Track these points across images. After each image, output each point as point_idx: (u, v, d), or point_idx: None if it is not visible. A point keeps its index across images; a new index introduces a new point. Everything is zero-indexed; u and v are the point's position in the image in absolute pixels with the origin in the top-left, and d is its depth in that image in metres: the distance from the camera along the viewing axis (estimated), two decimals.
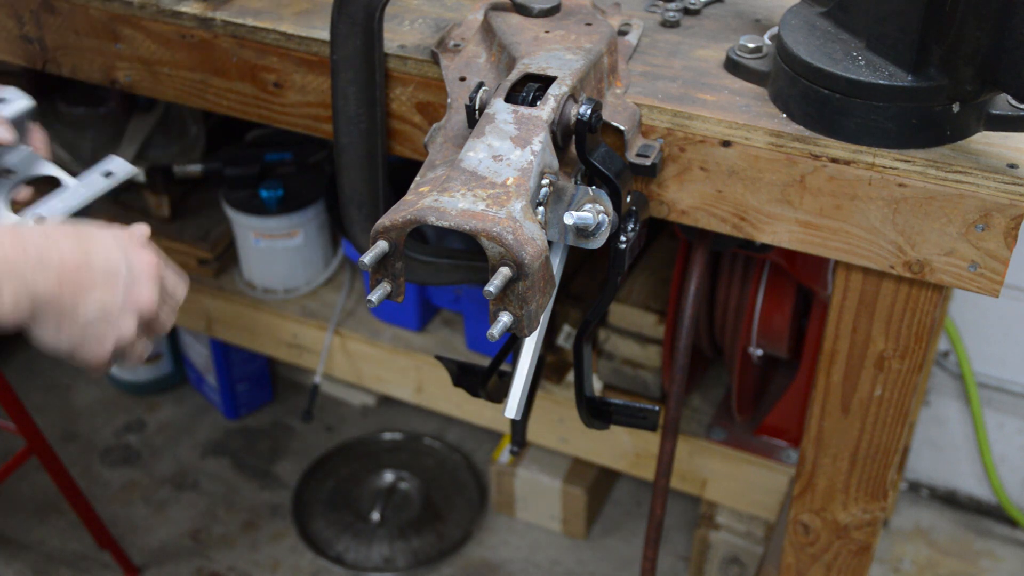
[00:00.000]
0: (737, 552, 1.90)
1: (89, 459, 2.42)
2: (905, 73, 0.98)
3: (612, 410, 1.24)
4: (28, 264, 0.83)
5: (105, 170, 1.09)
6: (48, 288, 0.84)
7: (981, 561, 2.23)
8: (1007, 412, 2.22)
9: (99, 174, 1.09)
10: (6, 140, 1.05)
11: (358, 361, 1.98)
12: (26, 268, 0.83)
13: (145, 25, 1.31)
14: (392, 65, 1.20)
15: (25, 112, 1.10)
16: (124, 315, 0.89)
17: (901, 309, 1.11)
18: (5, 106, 1.09)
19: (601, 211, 1.02)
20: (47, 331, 0.86)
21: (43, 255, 0.84)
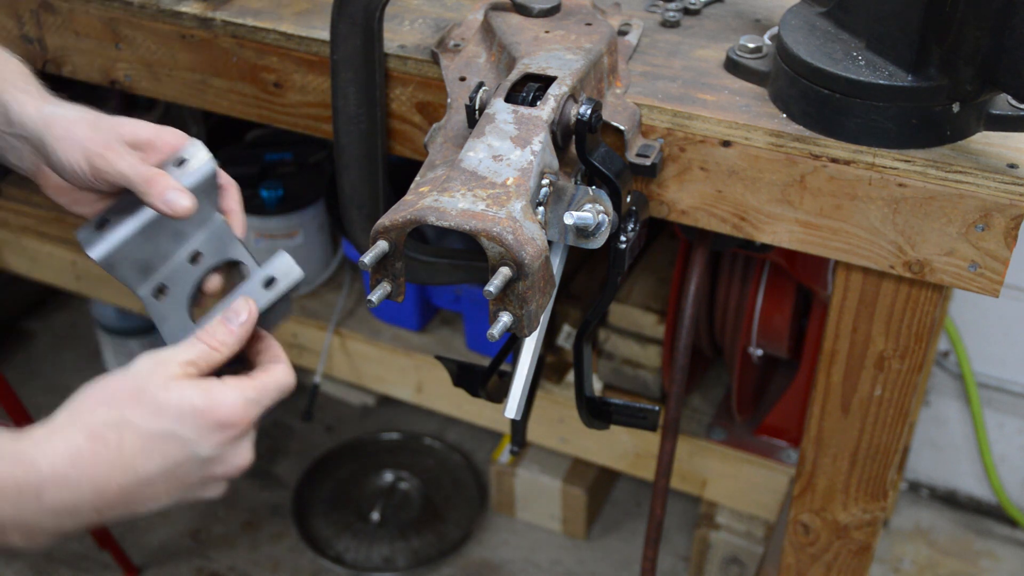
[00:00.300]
0: (737, 552, 1.90)
1: None
2: (905, 73, 0.98)
3: (612, 410, 1.24)
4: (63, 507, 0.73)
5: (267, 276, 0.90)
6: (99, 517, 0.75)
7: (981, 561, 2.23)
8: (1007, 412, 2.22)
9: (260, 283, 0.89)
10: (185, 211, 0.89)
11: (358, 361, 1.98)
12: (63, 510, 0.73)
13: (145, 25, 1.31)
14: (392, 65, 1.20)
15: (211, 175, 0.95)
16: (208, 487, 0.80)
17: (901, 309, 1.11)
18: (186, 169, 0.94)
19: (601, 211, 1.02)
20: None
21: (73, 501, 0.73)
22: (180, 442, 0.75)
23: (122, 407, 0.74)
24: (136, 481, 0.74)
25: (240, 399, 0.77)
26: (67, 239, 2.12)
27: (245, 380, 0.79)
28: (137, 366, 0.77)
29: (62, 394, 0.77)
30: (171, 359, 0.78)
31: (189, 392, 0.76)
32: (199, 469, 0.77)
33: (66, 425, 0.73)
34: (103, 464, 0.72)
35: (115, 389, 0.75)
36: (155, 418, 0.74)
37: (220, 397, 0.76)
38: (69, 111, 0.93)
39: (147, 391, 0.75)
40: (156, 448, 0.74)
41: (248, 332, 0.82)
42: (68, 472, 0.71)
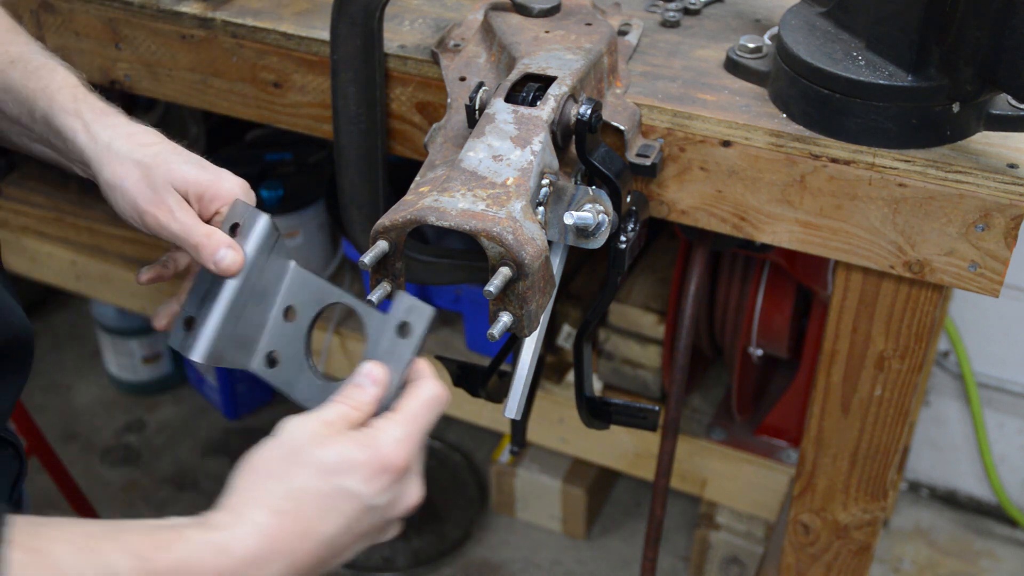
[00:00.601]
0: (737, 552, 1.90)
1: (89, 459, 2.42)
2: (905, 73, 0.98)
3: (612, 410, 1.24)
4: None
5: (399, 322, 0.82)
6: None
7: (981, 561, 2.23)
8: (1007, 412, 2.22)
9: (393, 330, 0.83)
10: (233, 267, 0.89)
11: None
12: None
13: (145, 25, 1.31)
14: (392, 65, 1.20)
15: (269, 231, 0.91)
16: (385, 530, 0.80)
17: (901, 309, 1.11)
18: (245, 235, 0.91)
19: (601, 211, 1.02)
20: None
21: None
22: (351, 496, 0.75)
23: (289, 476, 0.74)
24: (322, 544, 0.74)
25: (394, 440, 0.77)
26: (67, 239, 2.12)
27: (394, 417, 0.78)
28: (285, 433, 0.76)
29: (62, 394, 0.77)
30: (315, 419, 0.77)
31: (346, 446, 0.75)
32: (376, 516, 0.77)
33: (244, 506, 0.73)
34: (290, 537, 0.73)
35: (274, 460, 0.75)
36: (323, 479, 0.74)
37: (376, 444, 0.76)
38: (122, 145, 0.93)
39: (306, 455, 0.75)
40: (333, 507, 0.74)
41: (382, 391, 0.81)
42: (262, 552, 0.72)
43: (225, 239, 0.90)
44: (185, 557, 0.69)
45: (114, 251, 2.08)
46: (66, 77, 0.97)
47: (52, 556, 0.66)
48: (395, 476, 0.76)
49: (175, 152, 0.94)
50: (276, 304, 0.91)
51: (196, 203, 0.94)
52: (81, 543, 0.68)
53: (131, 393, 2.58)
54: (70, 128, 0.94)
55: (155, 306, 2.10)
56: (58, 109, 0.94)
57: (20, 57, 0.98)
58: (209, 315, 0.91)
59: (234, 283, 0.91)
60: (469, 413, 1.93)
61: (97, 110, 0.95)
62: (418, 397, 0.80)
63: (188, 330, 0.93)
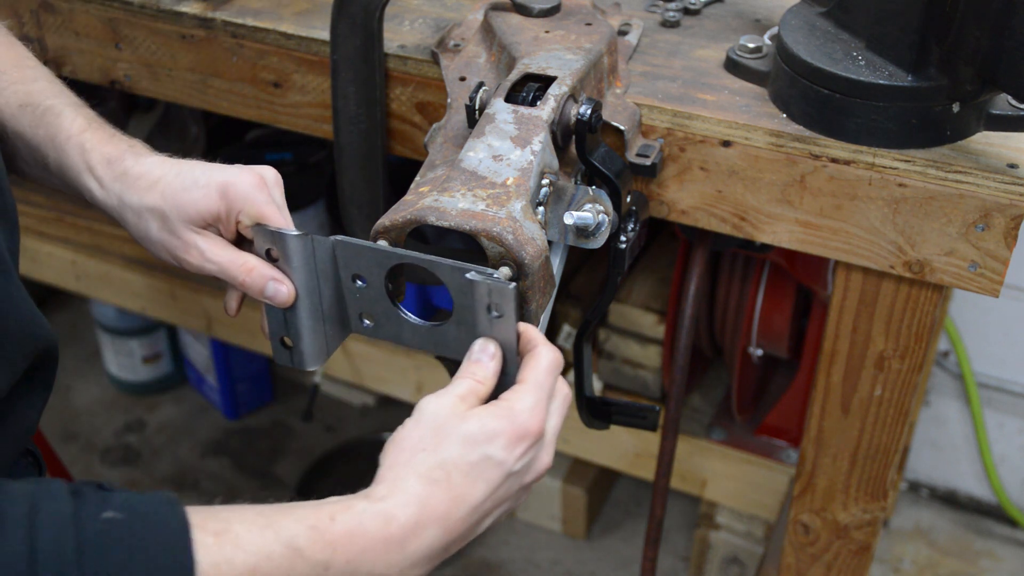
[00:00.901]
0: (737, 552, 1.90)
1: (89, 459, 2.42)
2: (905, 73, 0.98)
3: (612, 410, 1.24)
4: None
5: (487, 304, 0.84)
6: (445, 554, 0.79)
7: (981, 561, 2.23)
8: (1007, 412, 2.22)
9: (485, 313, 0.84)
10: (288, 299, 0.90)
11: (358, 361, 1.98)
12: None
13: (145, 25, 1.31)
14: (392, 65, 1.20)
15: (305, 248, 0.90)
16: (520, 496, 0.84)
17: (901, 309, 1.11)
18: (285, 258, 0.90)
19: (601, 211, 1.02)
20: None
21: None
22: (495, 463, 0.79)
23: (437, 449, 0.78)
24: (471, 510, 0.78)
25: (528, 408, 0.81)
26: (67, 239, 2.12)
27: (524, 387, 0.82)
28: (426, 411, 0.81)
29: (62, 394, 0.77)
30: (450, 395, 0.81)
31: (486, 418, 0.79)
32: (514, 482, 0.81)
33: (399, 479, 0.77)
34: (443, 503, 0.77)
35: (420, 436, 0.79)
36: (469, 449, 0.78)
37: (513, 413, 0.80)
38: (132, 197, 0.93)
39: (449, 428, 0.79)
40: (479, 475, 0.78)
41: (499, 362, 0.85)
42: (421, 518, 0.76)
43: (267, 271, 0.91)
44: (355, 526, 0.74)
45: (114, 251, 2.08)
46: (72, 122, 0.96)
47: (234, 534, 0.70)
48: (531, 442, 0.80)
49: (179, 183, 0.93)
50: (344, 277, 0.92)
51: (223, 226, 0.94)
52: (258, 521, 0.72)
53: (131, 393, 2.58)
54: (86, 188, 0.95)
55: (155, 306, 2.10)
56: (68, 164, 0.96)
57: (28, 100, 0.98)
58: (298, 330, 0.94)
59: (303, 293, 0.92)
60: None
61: (104, 160, 0.95)
62: (539, 365, 0.83)
63: (288, 348, 0.95)
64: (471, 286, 0.84)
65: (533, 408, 0.81)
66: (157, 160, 0.95)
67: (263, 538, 0.71)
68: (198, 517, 0.70)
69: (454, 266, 0.85)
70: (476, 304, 0.84)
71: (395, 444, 0.80)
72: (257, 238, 0.92)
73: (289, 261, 0.90)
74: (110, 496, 0.69)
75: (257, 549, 0.70)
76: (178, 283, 2.01)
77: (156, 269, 2.03)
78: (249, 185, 0.93)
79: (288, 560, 0.71)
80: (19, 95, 0.98)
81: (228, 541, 0.70)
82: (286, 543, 0.71)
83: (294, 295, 0.91)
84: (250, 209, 0.93)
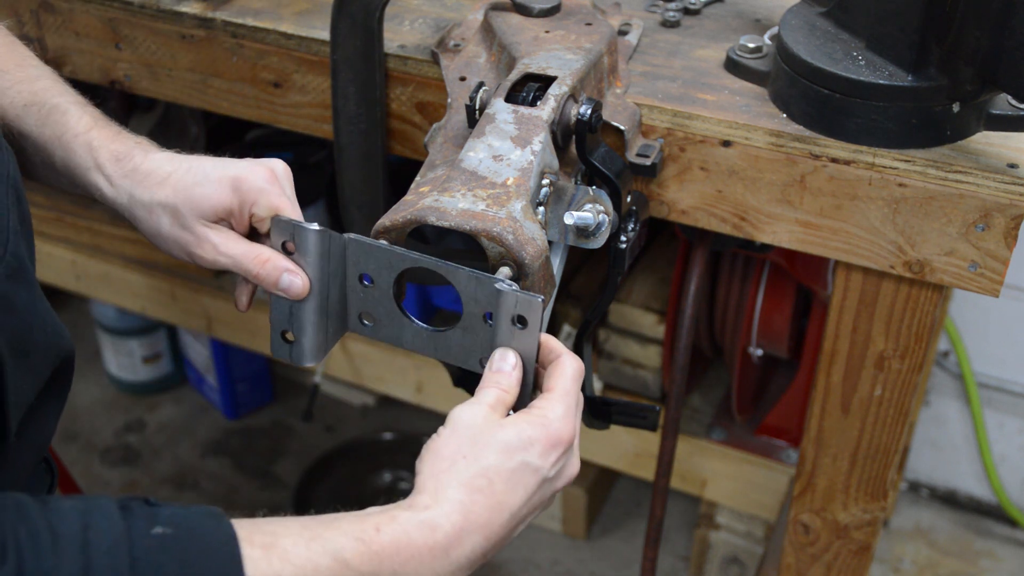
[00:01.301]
0: (737, 552, 1.90)
1: (89, 459, 2.42)
2: (905, 73, 0.98)
3: (612, 410, 1.24)
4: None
5: (512, 316, 0.84)
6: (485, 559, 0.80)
7: (981, 561, 2.23)
8: (1007, 412, 2.22)
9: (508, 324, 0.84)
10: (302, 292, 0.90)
11: (358, 361, 1.98)
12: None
13: (145, 25, 1.31)
14: (392, 65, 1.20)
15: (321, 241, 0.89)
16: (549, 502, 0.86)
17: (901, 309, 1.11)
18: (301, 249, 0.90)
19: (601, 211, 1.02)
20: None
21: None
22: (532, 470, 0.80)
23: (477, 457, 0.79)
24: (510, 517, 0.79)
25: (560, 417, 0.82)
26: (67, 239, 2.12)
27: (553, 396, 0.83)
28: (460, 421, 0.81)
29: None
30: (481, 405, 0.82)
31: (523, 426, 0.81)
32: (548, 488, 0.83)
33: (440, 488, 0.78)
34: (485, 510, 0.78)
35: (457, 445, 0.80)
36: (507, 456, 0.79)
37: (547, 422, 0.81)
38: (142, 194, 0.93)
39: (487, 437, 0.80)
40: (518, 482, 0.80)
41: (521, 372, 0.86)
42: (464, 526, 0.77)
43: (282, 263, 0.91)
44: (400, 536, 0.75)
45: (114, 251, 2.07)
46: (78, 120, 0.96)
47: (281, 548, 0.70)
48: (564, 448, 0.82)
49: (190, 178, 0.93)
50: (351, 275, 0.92)
51: (235, 220, 0.94)
52: (304, 534, 0.72)
53: (131, 393, 2.58)
54: (94, 184, 0.95)
55: (155, 306, 2.10)
56: (77, 163, 0.95)
57: (33, 100, 0.98)
58: (302, 324, 0.93)
59: (314, 288, 0.91)
60: None
61: (113, 157, 0.95)
62: (565, 374, 0.85)
63: (288, 342, 0.95)
64: (498, 296, 0.84)
65: (564, 416, 0.82)
66: (166, 156, 0.95)
67: (310, 551, 0.71)
68: (244, 531, 0.70)
69: (473, 275, 0.85)
70: (500, 314, 0.85)
71: (432, 453, 0.80)
72: (274, 230, 0.91)
73: (305, 255, 0.90)
74: (158, 511, 0.70)
75: (304, 562, 0.71)
76: (178, 283, 2.01)
77: (156, 269, 2.03)
78: (261, 178, 0.93)
79: (335, 573, 0.72)
80: (23, 95, 0.98)
81: (276, 555, 0.70)
82: (333, 556, 0.72)
83: (308, 288, 0.91)
84: (264, 201, 0.93)
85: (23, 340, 0.78)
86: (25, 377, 0.79)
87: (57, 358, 0.85)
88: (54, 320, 0.85)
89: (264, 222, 0.93)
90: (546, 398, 0.83)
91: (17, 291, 0.77)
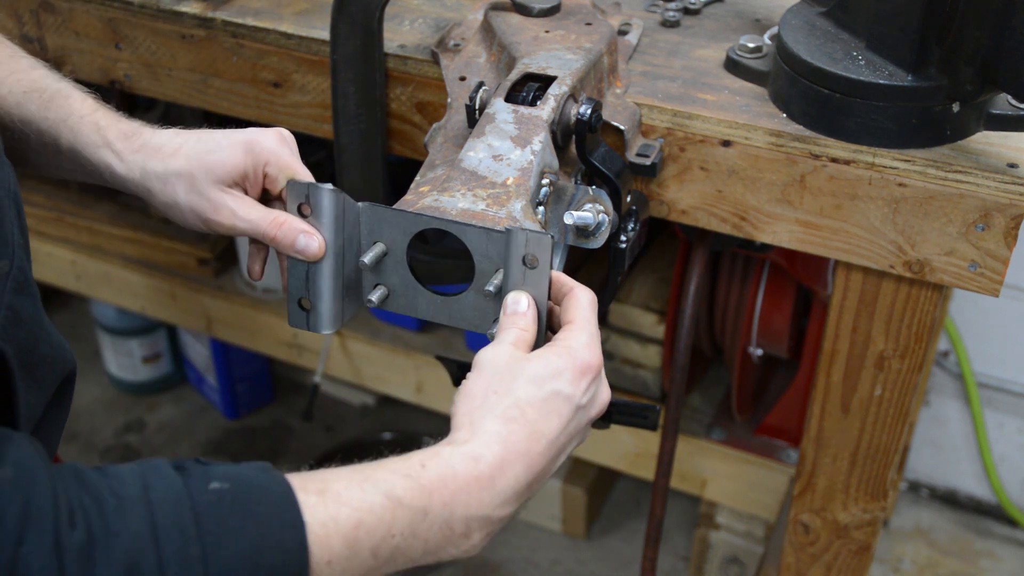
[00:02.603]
0: (737, 552, 1.90)
1: (89, 459, 2.42)
2: (905, 73, 0.98)
3: (612, 409, 1.24)
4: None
5: (523, 256, 0.85)
6: (530, 491, 0.81)
7: (981, 561, 2.23)
8: (1007, 412, 2.22)
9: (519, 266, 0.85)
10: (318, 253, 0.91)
11: (358, 361, 1.98)
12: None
13: (145, 25, 1.31)
14: (392, 65, 1.20)
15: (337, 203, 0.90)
16: (585, 431, 0.86)
17: (901, 309, 1.11)
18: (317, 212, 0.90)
19: (601, 211, 1.02)
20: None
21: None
22: (564, 398, 0.81)
23: (508, 391, 0.80)
24: (548, 444, 0.80)
25: (584, 344, 0.83)
26: (67, 239, 2.12)
27: (574, 325, 0.84)
28: (486, 362, 0.82)
29: None
30: (504, 344, 0.83)
31: (549, 356, 0.82)
32: (583, 416, 0.84)
33: (476, 422, 0.79)
34: (523, 439, 0.79)
35: (487, 383, 0.81)
36: (538, 387, 0.80)
37: (572, 350, 0.82)
38: (156, 165, 0.95)
39: (514, 371, 0.81)
40: (552, 410, 0.80)
41: (535, 311, 0.87)
42: (505, 455, 0.78)
43: (298, 225, 0.92)
44: (445, 469, 0.76)
45: (114, 251, 2.07)
46: (82, 103, 0.98)
47: (335, 491, 0.72)
48: (594, 375, 0.83)
49: (202, 146, 0.95)
50: (365, 244, 0.93)
51: (249, 184, 0.96)
52: (355, 477, 0.75)
53: (131, 393, 2.58)
54: (103, 162, 0.96)
55: (155, 306, 2.10)
56: (85, 143, 0.96)
57: (33, 86, 0.99)
58: (319, 290, 0.93)
59: (330, 252, 0.92)
60: None
61: (122, 135, 0.96)
62: (581, 304, 0.86)
63: (305, 310, 0.95)
64: (508, 237, 0.84)
65: (589, 344, 0.83)
66: (173, 131, 0.98)
67: (363, 491, 0.73)
68: (298, 480, 0.72)
69: (483, 229, 0.86)
70: (511, 256, 0.85)
71: (464, 395, 0.82)
72: (290, 193, 0.92)
73: (321, 216, 0.91)
74: (211, 469, 0.71)
75: (359, 504, 0.73)
76: (178, 283, 2.01)
77: (156, 269, 2.03)
78: (273, 140, 0.96)
79: (389, 511, 0.73)
80: (22, 83, 0.99)
81: (331, 499, 0.72)
82: (385, 493, 0.74)
83: (324, 249, 0.92)
84: (277, 161, 0.95)
85: (30, 353, 0.79)
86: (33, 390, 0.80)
87: (62, 373, 0.86)
88: (57, 334, 0.87)
89: (277, 181, 0.95)
90: (568, 329, 0.84)
91: (24, 304, 0.78)
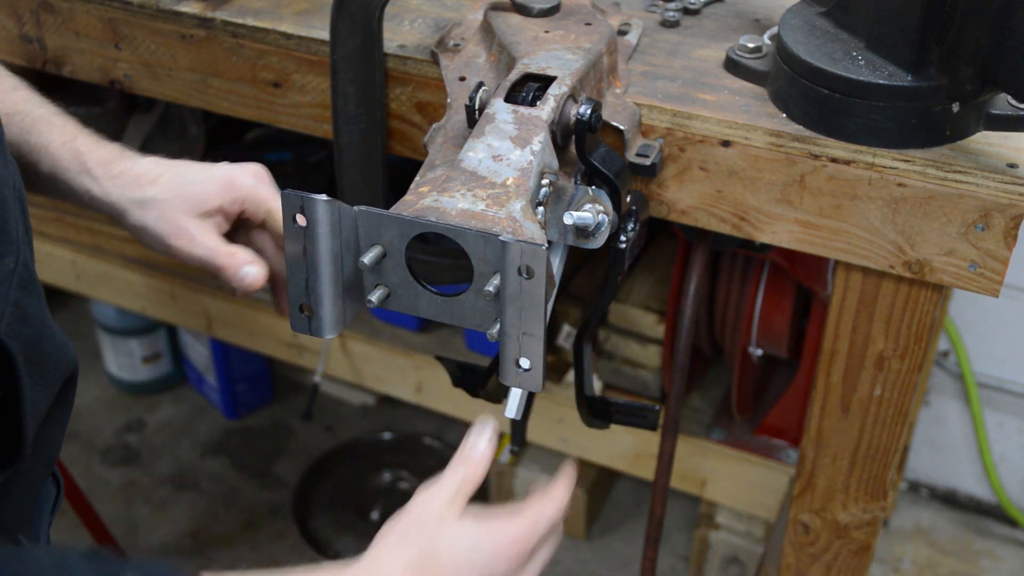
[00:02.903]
0: (737, 552, 1.90)
1: (89, 459, 2.42)
2: (905, 73, 0.98)
3: (612, 409, 1.24)
4: None
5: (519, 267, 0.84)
6: None
7: (981, 561, 2.23)
8: (1007, 412, 2.22)
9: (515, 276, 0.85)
10: (254, 284, 0.95)
11: (358, 361, 1.98)
12: None
13: (145, 25, 1.31)
14: (392, 65, 1.20)
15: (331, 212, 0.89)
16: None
17: (901, 309, 1.11)
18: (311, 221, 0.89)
19: (601, 211, 1.02)
20: None
21: None
22: (478, 572, 0.83)
23: (418, 542, 0.82)
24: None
25: (516, 533, 0.85)
26: (67, 239, 2.12)
27: (525, 507, 0.87)
28: (415, 504, 0.84)
29: None
30: (442, 493, 0.85)
31: (473, 533, 0.84)
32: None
33: (383, 556, 0.81)
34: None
35: (405, 527, 0.83)
36: (451, 553, 0.82)
37: (501, 532, 0.85)
38: (133, 193, 0.97)
39: (433, 532, 0.83)
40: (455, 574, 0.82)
41: (489, 460, 0.89)
42: None
43: (246, 257, 0.96)
44: None
45: (114, 251, 2.08)
46: (63, 129, 1.00)
47: None
48: (519, 562, 0.85)
49: (182, 179, 0.98)
50: (363, 247, 0.93)
51: (222, 218, 0.99)
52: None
53: (131, 393, 2.58)
54: (83, 188, 0.99)
55: (155, 306, 2.10)
56: (64, 170, 0.99)
57: (15, 109, 1.01)
58: (319, 294, 0.94)
59: (327, 259, 0.92)
60: (469, 413, 1.93)
61: (101, 162, 0.99)
62: (546, 499, 0.88)
63: (306, 314, 0.96)
64: (504, 248, 0.84)
65: (522, 533, 0.85)
66: (152, 160, 1.00)
67: None
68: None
69: (480, 233, 0.86)
70: (507, 266, 0.85)
71: (388, 524, 0.83)
72: (284, 204, 0.92)
73: (316, 226, 0.91)
74: (126, 563, 0.72)
75: None
76: (178, 283, 2.01)
77: (156, 269, 2.03)
78: (252, 176, 0.99)
79: None
80: (5, 104, 1.01)
81: None
82: None
83: (262, 280, 0.95)
84: (255, 197, 0.98)
85: (35, 350, 0.80)
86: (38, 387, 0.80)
87: (66, 371, 0.87)
88: (60, 332, 0.88)
89: (256, 216, 0.98)
90: (522, 505, 0.86)
91: (29, 301, 0.79)
